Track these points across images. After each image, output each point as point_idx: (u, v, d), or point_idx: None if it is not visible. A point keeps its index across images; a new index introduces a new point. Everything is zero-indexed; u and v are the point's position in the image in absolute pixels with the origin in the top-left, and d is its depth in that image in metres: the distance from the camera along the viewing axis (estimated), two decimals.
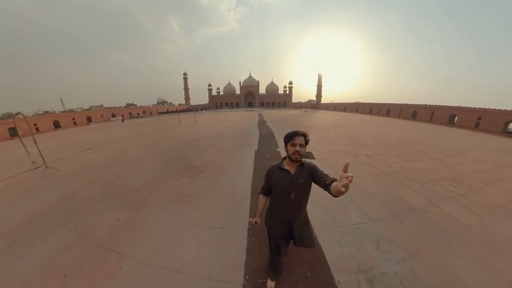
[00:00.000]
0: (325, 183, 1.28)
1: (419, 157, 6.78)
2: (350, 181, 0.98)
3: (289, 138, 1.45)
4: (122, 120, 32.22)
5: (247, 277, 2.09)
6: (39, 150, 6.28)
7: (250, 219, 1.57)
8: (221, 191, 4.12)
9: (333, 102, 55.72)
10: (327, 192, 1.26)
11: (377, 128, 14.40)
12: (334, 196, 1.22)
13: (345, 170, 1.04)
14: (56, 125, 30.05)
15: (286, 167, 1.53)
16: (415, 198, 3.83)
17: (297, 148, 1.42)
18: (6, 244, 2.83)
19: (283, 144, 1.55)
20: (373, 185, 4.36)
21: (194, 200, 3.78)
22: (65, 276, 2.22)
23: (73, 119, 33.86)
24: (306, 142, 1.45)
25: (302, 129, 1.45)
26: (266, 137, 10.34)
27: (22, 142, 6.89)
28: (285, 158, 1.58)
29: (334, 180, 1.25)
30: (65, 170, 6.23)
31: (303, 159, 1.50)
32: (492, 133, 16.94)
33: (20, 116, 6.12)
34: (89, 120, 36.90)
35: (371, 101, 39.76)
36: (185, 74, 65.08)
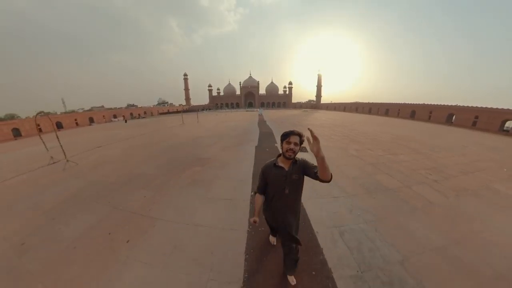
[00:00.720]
0: (314, 173, 1.45)
1: (406, 152, 7.44)
2: (311, 131, 1.29)
3: (285, 136, 1.56)
4: (125, 120, 33.00)
5: (251, 227, 2.85)
6: (61, 146, 6.98)
7: (250, 219, 1.70)
8: (228, 176, 4.91)
9: (333, 102, 56.37)
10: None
11: (373, 127, 15.08)
12: (322, 181, 1.40)
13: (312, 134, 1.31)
14: (59, 125, 30.60)
15: (281, 164, 1.64)
16: (391, 181, 4.52)
17: (292, 146, 1.53)
18: (50, 218, 3.51)
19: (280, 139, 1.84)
20: (356, 171, 5.06)
21: (206, 182, 4.54)
22: (109, 233, 2.91)
23: (75, 120, 34.62)
24: (301, 141, 1.56)
25: (299, 128, 1.59)
26: (265, 135, 11.07)
27: (42, 140, 7.57)
28: (279, 155, 1.70)
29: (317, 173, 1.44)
30: (83, 164, 6.91)
31: (296, 157, 1.62)
32: (489, 132, 17.21)
33: (42, 114, 6.78)
34: (91, 120, 37.67)
35: (371, 101, 40.13)
36: (185, 75, 65.92)
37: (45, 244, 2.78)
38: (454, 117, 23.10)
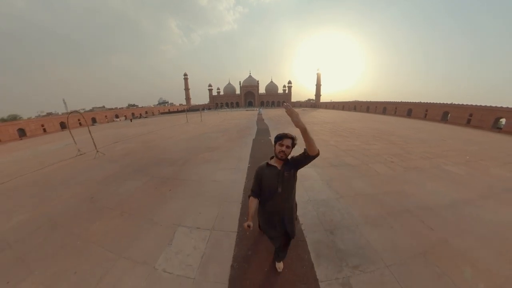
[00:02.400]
0: (304, 154, 1.64)
1: (380, 143, 8.98)
2: (286, 107, 1.46)
3: (279, 138, 1.67)
4: (131, 119, 34.65)
5: (247, 180, 4.58)
6: (92, 139, 8.63)
7: (244, 223, 1.72)
8: (232, 157, 6.70)
9: (333, 101, 57.70)
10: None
11: (362, 124, 16.64)
12: (312, 156, 1.60)
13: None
14: (62, 126, 31.73)
15: (273, 164, 1.76)
16: (354, 161, 6.12)
17: (283, 148, 1.64)
18: (104, 185, 5.08)
19: (274, 134, 3.32)
20: (329, 155, 6.67)
21: (216, 160, 6.36)
22: (155, 188, 4.52)
23: (79, 120, 36.24)
24: (293, 144, 1.66)
25: (293, 126, 1.55)
26: (262, 130, 12.80)
27: (71, 134, 9.22)
28: (273, 157, 1.80)
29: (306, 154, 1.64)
30: (110, 154, 8.50)
31: (288, 156, 1.72)
32: (483, 129, 17.82)
33: (77, 113, 8.39)
34: (93, 121, 39.37)
35: (372, 99, 40.63)
36: (185, 75, 67.51)
37: (108, 196, 4.34)
38: (449, 115, 23.73)
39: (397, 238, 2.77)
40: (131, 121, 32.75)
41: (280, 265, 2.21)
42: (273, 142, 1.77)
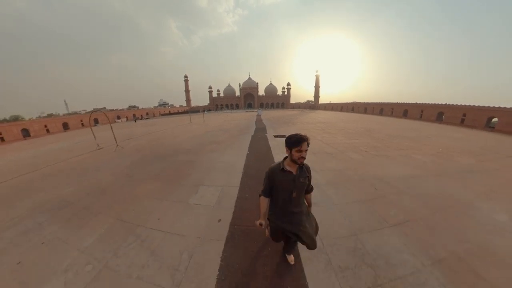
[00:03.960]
0: (307, 190, 1.85)
1: (363, 138, 10.34)
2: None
3: (296, 144, 1.61)
4: (135, 120, 36.19)
5: (246, 160, 6.03)
6: (114, 134, 10.09)
7: (255, 221, 1.80)
8: (234, 147, 8.37)
9: (332, 102, 59.20)
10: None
11: (355, 124, 18.03)
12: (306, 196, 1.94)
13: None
14: (65, 126, 33.14)
15: (288, 168, 1.74)
16: (333, 150, 7.56)
17: (303, 154, 1.63)
18: (134, 167, 6.50)
19: (270, 132, 4.93)
20: (311, 147, 8.07)
21: (221, 151, 7.90)
22: (176, 169, 5.94)
23: (81, 121, 37.61)
24: (308, 145, 1.64)
25: (290, 125, 3.63)
26: (260, 129, 14.33)
27: (92, 131, 10.67)
28: (285, 158, 1.78)
29: (311, 189, 1.97)
30: (128, 148, 9.92)
31: None
32: (475, 129, 17.91)
33: (99, 111, 9.84)
34: (95, 122, 40.91)
35: (372, 100, 40.59)
36: (185, 76, 69.31)
37: (142, 173, 5.80)
38: (444, 116, 23.50)
39: (348, 193, 4.18)
40: (135, 121, 34.25)
41: (291, 258, 2.35)
42: (286, 145, 1.71)
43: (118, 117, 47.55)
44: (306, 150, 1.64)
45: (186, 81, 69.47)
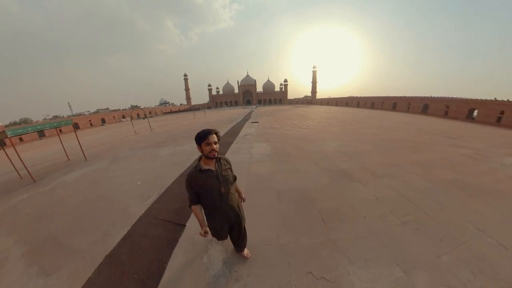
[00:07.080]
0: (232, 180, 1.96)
1: (335, 124, 15.24)
2: (244, 200, 2.05)
3: (203, 138, 1.61)
4: (143, 118, 41.79)
5: (234, 125, 11.62)
6: (149, 125, 15.71)
7: (199, 233, 1.77)
8: (227, 126, 14.04)
9: (330, 97, 61.47)
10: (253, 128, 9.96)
11: (340, 115, 21.94)
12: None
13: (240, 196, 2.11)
14: (75, 126, 37.83)
15: (206, 167, 1.71)
16: (305, 126, 13.09)
17: (213, 146, 1.62)
18: (172, 140, 12.00)
19: (251, 122, 10.19)
20: (288, 127, 13.47)
21: (222, 128, 13.43)
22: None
23: (90, 120, 43.11)
24: (218, 138, 1.68)
25: (271, 116, 6.61)
26: (244, 120, 19.91)
27: (132, 123, 16.16)
28: (200, 158, 1.75)
29: (235, 179, 2.00)
30: (158, 132, 15.42)
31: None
32: (458, 120, 19.30)
33: (139, 108, 15.40)
34: (103, 121, 46.56)
35: (369, 95, 43.29)
36: (185, 75, 73.92)
37: (177, 136, 11.27)
38: (428, 107, 25.65)
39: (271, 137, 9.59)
40: (144, 119, 39.75)
41: (247, 251, 2.37)
42: (196, 143, 1.67)
43: (123, 117, 52.88)
44: (216, 143, 1.64)
45: (185, 79, 73.95)
